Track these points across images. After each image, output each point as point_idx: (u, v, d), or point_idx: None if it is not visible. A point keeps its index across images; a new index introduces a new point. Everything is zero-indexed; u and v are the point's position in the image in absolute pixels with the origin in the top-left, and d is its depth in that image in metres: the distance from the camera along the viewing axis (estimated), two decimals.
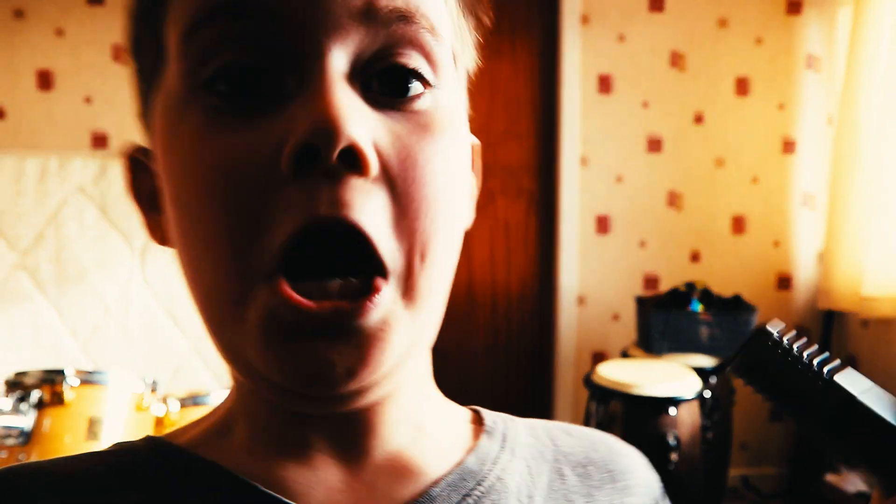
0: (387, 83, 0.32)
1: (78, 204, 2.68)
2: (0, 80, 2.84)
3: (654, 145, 2.90)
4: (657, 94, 2.88)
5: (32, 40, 2.82)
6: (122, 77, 2.84)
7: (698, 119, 2.90)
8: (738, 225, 2.93)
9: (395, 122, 0.32)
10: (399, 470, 0.36)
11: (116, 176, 2.68)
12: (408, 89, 0.32)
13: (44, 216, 2.67)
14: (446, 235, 0.33)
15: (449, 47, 0.36)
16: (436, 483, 0.36)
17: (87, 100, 2.84)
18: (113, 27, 2.82)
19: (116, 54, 2.82)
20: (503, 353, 3.04)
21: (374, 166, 0.30)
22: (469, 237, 3.01)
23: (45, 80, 2.84)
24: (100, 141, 2.85)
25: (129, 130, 2.84)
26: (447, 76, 0.35)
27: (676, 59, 2.88)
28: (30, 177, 2.68)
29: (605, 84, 2.87)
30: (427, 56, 0.33)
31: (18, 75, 2.83)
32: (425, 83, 0.33)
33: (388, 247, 0.30)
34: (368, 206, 0.30)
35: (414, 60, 0.32)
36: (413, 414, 0.37)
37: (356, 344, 0.30)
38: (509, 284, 3.01)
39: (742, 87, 2.89)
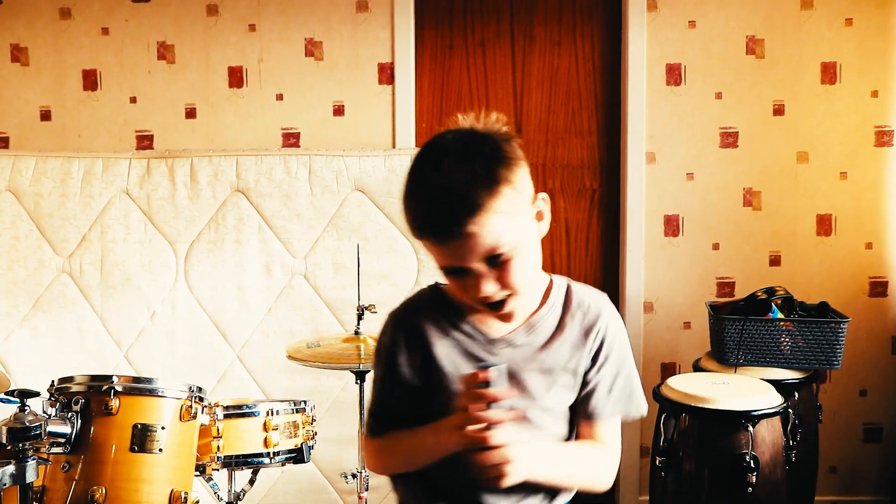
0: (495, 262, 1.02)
1: (123, 206, 2.76)
2: (46, 81, 2.95)
3: (729, 140, 2.84)
4: (732, 84, 2.83)
5: (78, 40, 2.91)
6: (167, 75, 2.90)
7: (778, 110, 2.83)
8: (825, 225, 2.84)
9: (501, 270, 1.03)
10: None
11: (161, 177, 2.74)
12: (504, 260, 1.02)
13: (89, 219, 2.75)
14: (526, 280, 1.07)
15: (514, 227, 1.01)
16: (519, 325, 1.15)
17: (132, 99, 2.92)
18: (158, 24, 2.90)
19: (162, 53, 2.89)
20: None
21: (498, 295, 1.06)
22: None
23: (90, 80, 2.93)
24: (145, 141, 2.93)
25: (172, 130, 2.91)
26: (520, 233, 1.03)
27: (754, 46, 2.82)
28: (75, 179, 2.76)
29: (674, 74, 2.84)
30: (507, 246, 1.00)
31: (64, 76, 2.93)
32: (509, 257, 1.02)
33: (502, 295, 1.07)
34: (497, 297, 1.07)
35: (502, 256, 1.01)
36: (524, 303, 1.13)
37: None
38: None
39: (829, 73, 2.80)
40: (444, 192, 0.97)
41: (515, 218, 1.01)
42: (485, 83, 2.96)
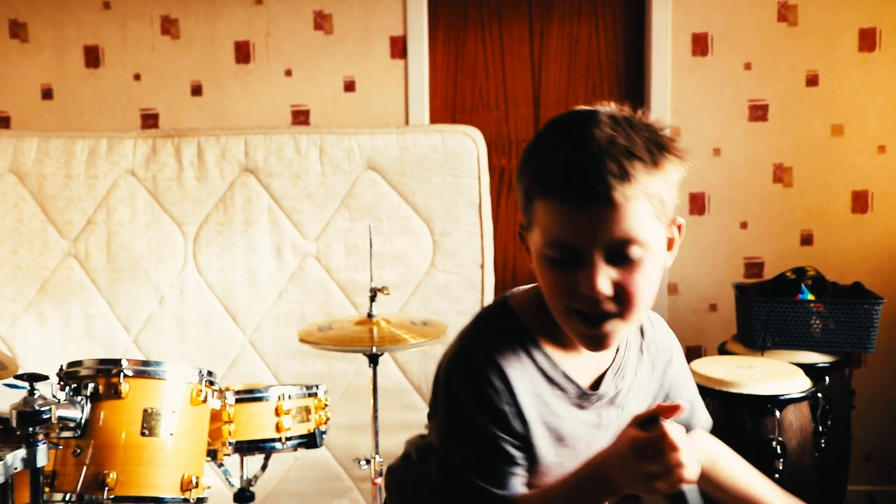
0: (618, 257, 0.90)
1: (129, 188, 2.82)
2: (47, 57, 3.01)
3: (758, 113, 2.85)
4: (762, 54, 2.84)
5: (79, 14, 2.96)
6: (171, 51, 2.95)
7: (812, 81, 2.84)
8: (860, 202, 2.84)
9: (622, 271, 0.90)
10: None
11: (168, 157, 2.80)
12: (629, 259, 0.90)
13: (94, 201, 2.82)
14: (645, 303, 0.94)
15: (653, 227, 0.91)
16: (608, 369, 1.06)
17: (136, 77, 2.97)
18: None
19: (165, 27, 2.94)
20: None
21: (607, 304, 0.92)
22: None
23: (92, 57, 2.98)
24: (150, 120, 2.98)
25: (178, 108, 2.96)
26: (657, 241, 0.93)
27: (786, 12, 2.82)
28: (79, 160, 2.83)
29: (700, 44, 2.85)
30: (642, 243, 0.89)
31: (65, 52, 2.99)
32: (637, 257, 0.90)
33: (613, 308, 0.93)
34: (607, 306, 0.93)
35: (630, 251, 0.89)
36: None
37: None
38: None
39: (867, 40, 2.80)
40: (598, 147, 0.86)
41: (658, 221, 0.91)
42: (501, 56, 2.98)
